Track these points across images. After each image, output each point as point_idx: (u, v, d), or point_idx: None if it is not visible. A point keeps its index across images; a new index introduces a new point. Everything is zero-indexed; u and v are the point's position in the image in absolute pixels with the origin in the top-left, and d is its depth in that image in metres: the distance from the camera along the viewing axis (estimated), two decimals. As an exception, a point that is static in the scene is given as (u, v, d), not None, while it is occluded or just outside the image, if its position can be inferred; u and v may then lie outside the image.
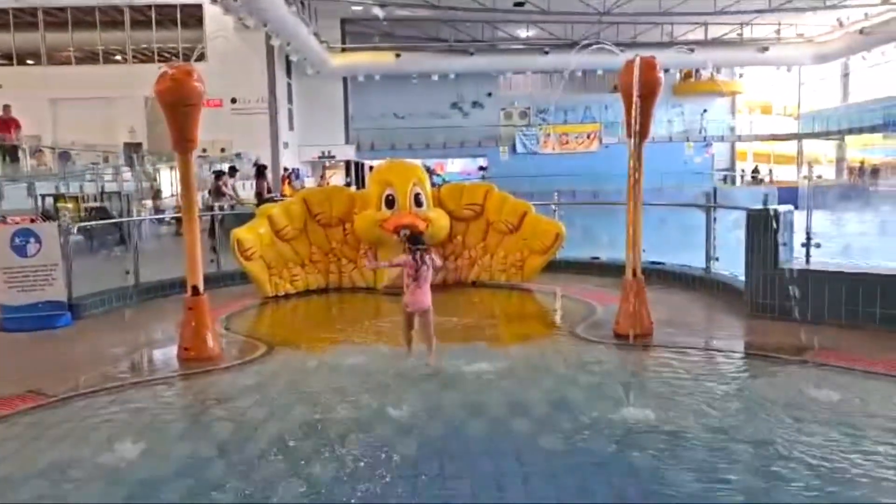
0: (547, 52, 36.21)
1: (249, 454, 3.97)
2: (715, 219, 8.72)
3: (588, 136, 38.85)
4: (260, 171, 14.50)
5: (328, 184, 22.20)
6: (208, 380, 5.45)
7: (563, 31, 36.53)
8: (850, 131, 37.44)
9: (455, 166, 44.87)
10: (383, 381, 5.25)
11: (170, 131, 5.42)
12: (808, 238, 7.12)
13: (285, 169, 29.00)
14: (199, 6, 32.75)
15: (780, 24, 37.55)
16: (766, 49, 37.98)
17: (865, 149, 40.64)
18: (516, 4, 32.80)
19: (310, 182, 31.25)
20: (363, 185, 24.88)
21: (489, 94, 39.74)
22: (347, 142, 37.38)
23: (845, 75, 41.09)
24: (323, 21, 33.40)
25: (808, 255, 7.13)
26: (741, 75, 40.45)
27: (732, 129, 42.46)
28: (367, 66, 36.16)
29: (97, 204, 16.10)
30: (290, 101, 34.69)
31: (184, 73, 5.35)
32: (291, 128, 34.79)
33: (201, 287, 6.08)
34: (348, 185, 32.78)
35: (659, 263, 9.49)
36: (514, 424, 4.34)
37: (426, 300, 5.74)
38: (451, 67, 36.57)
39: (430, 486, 3.61)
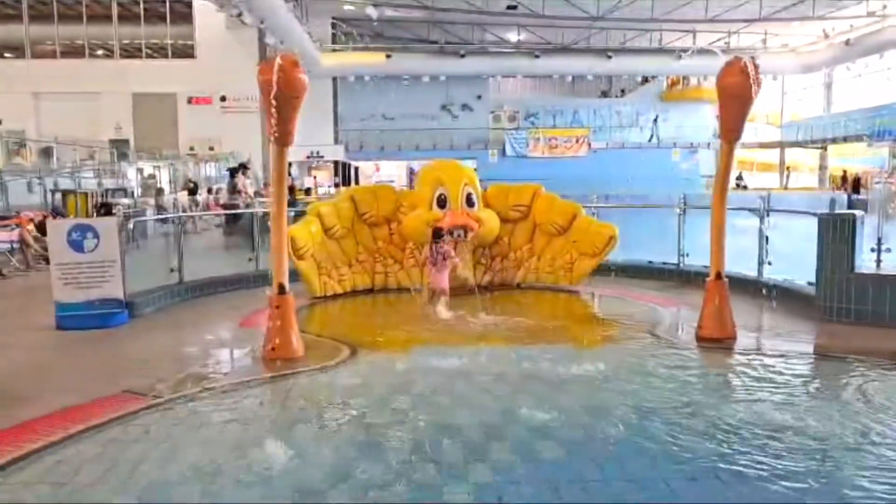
0: (538, 56, 36.28)
1: (396, 456, 3.83)
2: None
3: (577, 141, 38.99)
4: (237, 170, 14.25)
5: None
6: (308, 381, 5.26)
7: (554, 35, 36.69)
8: (834, 140, 38.06)
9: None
10: (489, 383, 5.13)
11: (272, 123, 5.21)
12: (879, 243, 7.13)
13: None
14: (189, 2, 32.38)
15: (766, 33, 38.09)
16: (753, 58, 38.39)
17: (842, 158, 41.44)
18: (509, 7, 32.83)
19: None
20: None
21: (479, 97, 39.68)
22: (336, 142, 37.08)
23: (828, 85, 41.78)
24: (314, 20, 33.07)
25: (878, 259, 7.15)
26: (727, 83, 40.81)
27: (718, 137, 42.87)
28: (357, 66, 35.89)
29: (103, 200, 15.66)
30: (279, 100, 34.32)
31: (291, 63, 5.15)
32: (280, 127, 34.43)
33: (287, 285, 5.88)
34: (337, 186, 32.55)
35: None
36: (651, 428, 4.25)
37: (445, 283, 7.91)
38: (441, 69, 36.42)
39: (603, 490, 3.51)
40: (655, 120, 41.32)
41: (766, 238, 8.80)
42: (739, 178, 43.13)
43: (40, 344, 6.52)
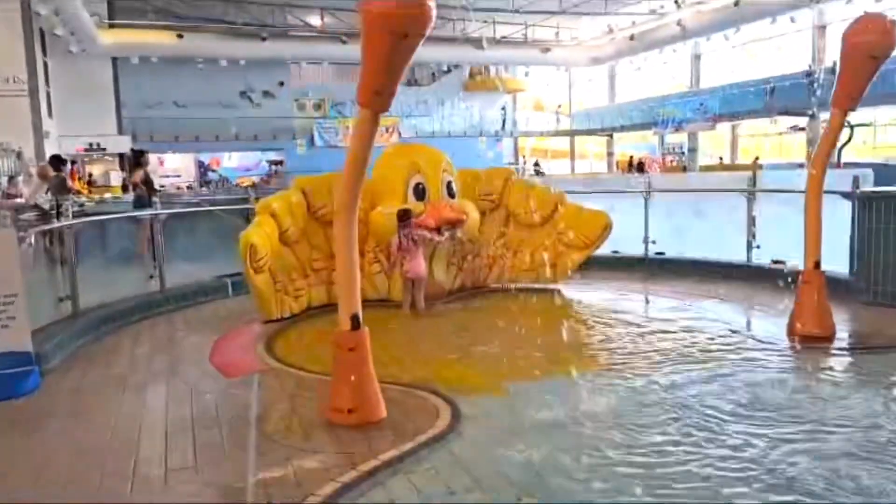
0: (345, 42, 34.55)
1: None
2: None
3: (387, 130, 37.81)
4: (137, 159, 11.26)
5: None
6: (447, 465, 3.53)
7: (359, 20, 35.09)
8: (623, 128, 40.67)
9: (232, 161, 41.56)
10: (654, 415, 3.85)
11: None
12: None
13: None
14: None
15: (559, 26, 39.62)
16: (548, 50, 39.94)
17: (621, 144, 44.73)
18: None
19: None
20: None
21: (281, 84, 36.99)
22: (121, 132, 32.59)
23: (612, 77, 44.61)
24: (87, -11, 28.57)
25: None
26: (527, 73, 42.12)
27: (515, 125, 44.16)
28: (142, 46, 31.65)
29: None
30: (46, 83, 29.23)
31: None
32: (50, 114, 29.39)
33: (360, 315, 4.05)
34: (124, 183, 28.33)
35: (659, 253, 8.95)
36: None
37: (422, 269, 7.01)
38: (240, 53, 33.41)
39: None
40: (504, 108, 41.85)
41: (753, 219, 8.32)
42: (536, 164, 44.89)
43: None
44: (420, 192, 7.17)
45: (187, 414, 4.25)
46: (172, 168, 38.00)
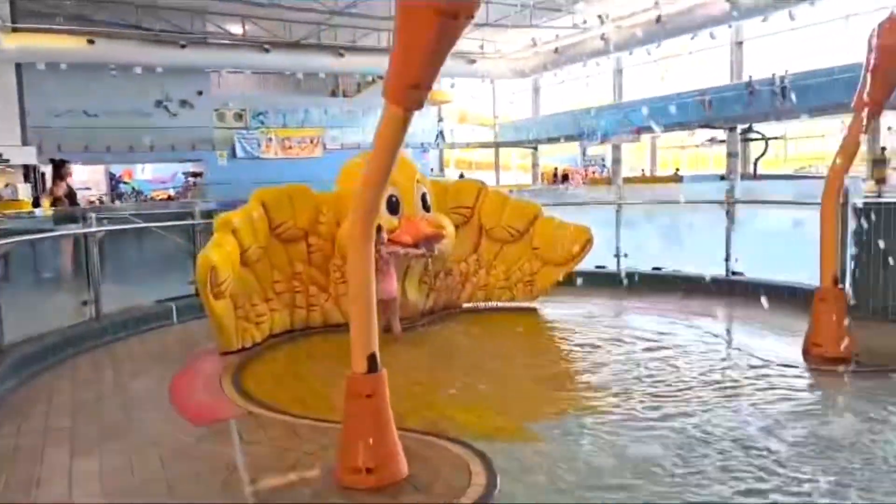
0: (268, 50, 33.46)
1: None
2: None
3: (311, 141, 36.77)
4: (58, 170, 10.04)
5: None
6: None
7: (281, 29, 34.02)
8: (550, 140, 40.87)
9: (146, 173, 39.62)
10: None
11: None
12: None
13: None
14: None
15: (483, 39, 39.56)
16: (473, 62, 39.85)
17: (544, 156, 45.07)
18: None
19: None
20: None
21: (200, 93, 35.34)
22: (25, 143, 30.44)
23: (536, 90, 44.91)
24: (-14, -9, 26.64)
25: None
26: (453, 85, 41.87)
27: (442, 136, 43.84)
28: (49, 51, 29.62)
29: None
30: (-60, 89, 27.12)
31: None
32: (-56, 123, 27.25)
33: (378, 356, 3.41)
34: (35, 197, 26.30)
35: (657, 269, 8.54)
36: None
37: (394, 289, 6.38)
38: (157, 60, 31.79)
39: None
40: (441, 119, 41.45)
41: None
42: (461, 176, 44.71)
43: None
44: (393, 206, 6.54)
45: (161, 484, 3.47)
46: (81, 181, 35.69)
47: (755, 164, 33.89)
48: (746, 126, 30.99)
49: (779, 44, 32.59)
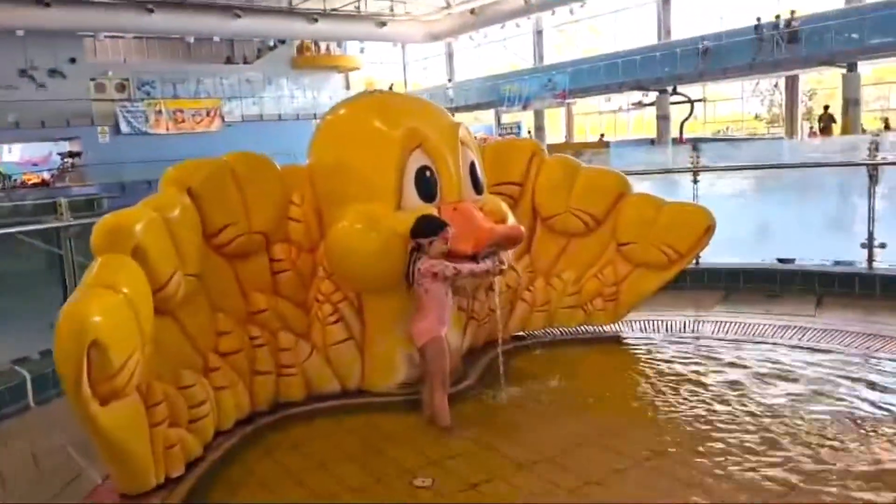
0: (152, 11, 29.20)
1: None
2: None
3: (207, 114, 32.63)
4: None
5: None
6: None
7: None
8: (468, 108, 38.24)
9: (13, 154, 34.44)
10: None
11: None
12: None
13: None
14: None
15: (394, 0, 36.34)
16: (384, 24, 36.68)
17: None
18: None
19: None
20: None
21: (72, 61, 30.57)
22: None
23: (450, 55, 42.12)
24: None
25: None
26: (362, 50, 38.52)
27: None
28: None
29: None
30: None
31: None
32: None
33: None
34: None
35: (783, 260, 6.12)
36: None
37: (418, 329, 3.56)
38: (17, 22, 27.07)
39: None
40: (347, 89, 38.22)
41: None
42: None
43: None
44: (428, 186, 3.73)
45: None
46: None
47: (681, 128, 32.46)
48: (671, 88, 29.52)
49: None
